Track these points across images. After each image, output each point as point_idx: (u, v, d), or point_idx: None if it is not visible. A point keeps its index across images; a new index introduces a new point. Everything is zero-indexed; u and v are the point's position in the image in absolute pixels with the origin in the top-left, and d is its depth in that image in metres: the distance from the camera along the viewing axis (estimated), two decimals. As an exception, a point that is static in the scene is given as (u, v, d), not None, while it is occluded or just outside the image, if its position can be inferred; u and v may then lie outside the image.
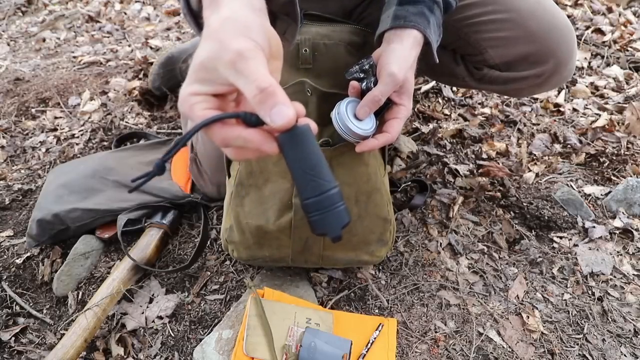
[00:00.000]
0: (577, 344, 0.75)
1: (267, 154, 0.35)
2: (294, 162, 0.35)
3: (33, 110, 1.30)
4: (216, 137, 0.35)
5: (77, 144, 1.18)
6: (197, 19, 0.46)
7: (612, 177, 1.06)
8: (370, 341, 0.71)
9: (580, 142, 1.16)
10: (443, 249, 0.90)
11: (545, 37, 0.72)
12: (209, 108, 0.35)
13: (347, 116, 0.60)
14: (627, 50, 1.49)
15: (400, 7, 0.61)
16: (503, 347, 0.74)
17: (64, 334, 0.73)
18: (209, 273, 0.85)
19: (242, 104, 0.39)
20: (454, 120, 1.24)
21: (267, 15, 0.39)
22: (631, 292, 0.84)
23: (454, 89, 1.34)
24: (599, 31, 1.57)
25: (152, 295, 0.82)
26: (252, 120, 0.35)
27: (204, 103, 0.35)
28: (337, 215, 0.36)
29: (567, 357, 0.74)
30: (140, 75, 1.43)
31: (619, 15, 1.65)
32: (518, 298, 0.82)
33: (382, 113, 0.63)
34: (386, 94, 0.58)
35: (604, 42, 1.52)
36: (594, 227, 0.93)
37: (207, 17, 0.38)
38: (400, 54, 0.59)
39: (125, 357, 0.73)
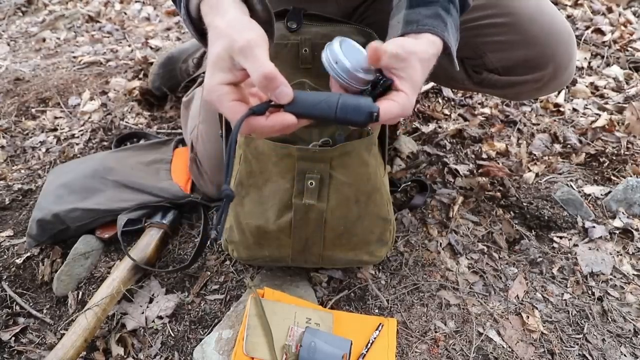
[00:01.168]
0: (577, 344, 0.75)
1: (289, 125, 0.43)
2: (309, 113, 0.44)
3: (33, 110, 1.30)
4: (244, 130, 0.43)
5: (77, 144, 1.18)
6: (195, 25, 0.51)
7: (612, 177, 1.06)
8: (370, 341, 0.71)
9: (580, 142, 1.16)
10: (443, 249, 0.90)
11: (544, 41, 0.72)
12: (235, 99, 0.43)
13: (343, 54, 0.48)
14: (627, 50, 1.49)
15: (411, 10, 0.54)
16: (503, 347, 0.75)
17: (64, 333, 0.73)
18: (209, 273, 0.85)
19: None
20: (454, 120, 1.24)
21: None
22: (631, 292, 0.84)
23: (454, 89, 1.34)
24: (599, 31, 1.57)
25: (152, 295, 0.82)
26: (262, 110, 0.42)
27: (230, 94, 0.43)
28: (362, 104, 0.44)
29: (567, 357, 0.74)
30: (140, 75, 1.43)
31: (619, 15, 1.65)
32: (518, 298, 0.82)
33: (378, 93, 0.51)
34: (386, 53, 0.47)
35: (604, 42, 1.52)
36: (594, 227, 0.93)
37: (211, 21, 0.46)
38: (411, 43, 0.51)
39: (125, 357, 0.73)
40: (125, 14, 1.92)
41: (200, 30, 0.51)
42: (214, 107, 0.45)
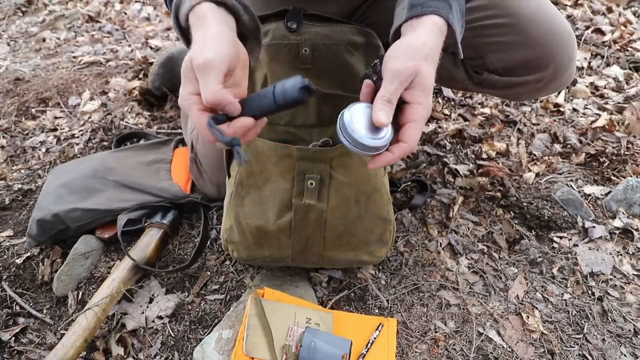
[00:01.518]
0: (577, 344, 0.75)
1: (247, 126, 0.47)
2: (259, 112, 0.47)
3: (33, 110, 1.30)
4: (209, 138, 0.47)
5: (77, 144, 1.18)
6: (183, 32, 0.54)
7: (612, 177, 1.06)
8: (370, 341, 0.71)
9: (580, 142, 1.16)
10: (443, 249, 0.90)
11: (545, 42, 0.72)
12: (201, 109, 0.46)
13: (353, 125, 0.49)
14: (627, 50, 1.49)
15: None
16: (503, 347, 0.75)
17: (64, 333, 0.73)
18: (209, 273, 0.85)
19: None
20: (454, 120, 1.24)
21: (235, 33, 0.50)
22: (631, 292, 0.84)
23: (453, 89, 1.34)
24: (599, 31, 1.57)
25: (152, 295, 0.82)
26: (222, 120, 0.47)
27: (198, 104, 0.46)
28: (291, 84, 0.45)
29: (567, 357, 0.74)
30: (140, 75, 1.43)
31: (619, 15, 1.65)
32: (518, 298, 0.82)
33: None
34: (394, 93, 0.49)
35: (604, 42, 1.52)
36: (593, 227, 0.93)
37: (194, 33, 0.49)
38: (408, 43, 0.51)
39: (125, 357, 0.73)
40: (125, 14, 1.92)
41: (188, 38, 0.54)
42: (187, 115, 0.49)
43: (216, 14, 0.49)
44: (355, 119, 0.49)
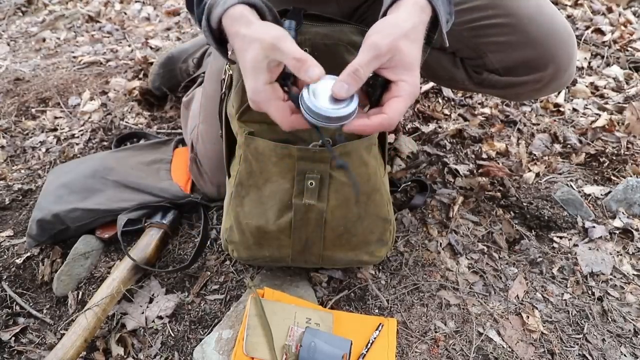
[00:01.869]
0: (577, 344, 0.75)
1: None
2: None
3: (33, 110, 1.30)
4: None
5: (77, 144, 1.18)
6: (214, 36, 0.55)
7: (612, 177, 1.06)
8: (370, 341, 0.71)
9: (580, 142, 1.16)
10: (443, 249, 0.90)
11: (544, 42, 0.72)
12: (279, 97, 0.50)
13: (312, 99, 0.48)
14: (627, 50, 1.49)
15: None
16: (503, 347, 0.75)
17: (64, 333, 0.73)
18: (209, 273, 0.85)
19: None
20: (454, 120, 1.24)
21: None
22: (631, 292, 0.84)
23: (453, 89, 1.34)
24: (599, 31, 1.57)
25: (152, 295, 0.82)
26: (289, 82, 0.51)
27: (275, 92, 0.50)
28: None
29: (567, 357, 0.74)
30: (140, 75, 1.43)
31: (619, 15, 1.65)
32: (518, 298, 0.82)
33: (376, 97, 0.52)
34: (365, 64, 0.47)
35: (604, 42, 1.52)
36: (593, 227, 0.93)
37: (237, 31, 0.51)
38: (388, 22, 0.50)
39: (125, 357, 0.73)
40: (125, 14, 1.92)
41: (219, 40, 0.56)
42: (258, 108, 0.50)
43: (252, 14, 0.52)
44: (317, 92, 0.49)
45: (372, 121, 0.49)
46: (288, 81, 0.52)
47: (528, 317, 0.78)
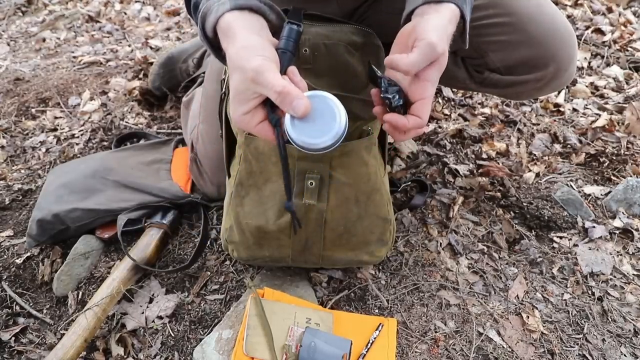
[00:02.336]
0: (577, 344, 0.76)
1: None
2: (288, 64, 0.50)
3: (33, 110, 1.30)
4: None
5: (77, 144, 1.18)
6: (211, 44, 0.55)
7: (612, 177, 1.06)
8: (370, 341, 0.71)
9: (580, 142, 1.16)
10: (443, 249, 0.90)
11: (545, 41, 0.72)
12: (258, 122, 0.49)
13: (293, 125, 0.47)
14: (627, 50, 1.49)
15: None
16: (503, 347, 0.75)
17: (64, 333, 0.73)
18: (209, 273, 0.85)
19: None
20: (454, 120, 1.24)
21: (269, 32, 0.51)
22: (631, 292, 0.84)
23: (454, 89, 1.34)
24: (599, 31, 1.57)
25: (152, 295, 0.82)
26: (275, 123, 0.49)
27: (254, 118, 0.49)
28: None
29: (567, 357, 0.74)
30: (140, 75, 1.43)
31: (619, 15, 1.65)
32: (518, 298, 0.82)
33: (401, 105, 0.52)
34: (419, 65, 0.49)
35: (604, 42, 1.52)
36: (593, 227, 0.93)
37: (225, 47, 0.50)
38: (438, 22, 0.51)
39: (125, 357, 0.73)
40: (125, 14, 1.92)
41: (217, 47, 0.54)
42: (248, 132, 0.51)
43: (241, 21, 0.49)
44: (293, 117, 0.47)
45: (411, 123, 0.50)
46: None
47: (528, 317, 0.79)
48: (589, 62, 1.46)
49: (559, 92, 1.33)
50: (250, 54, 0.46)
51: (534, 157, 1.13)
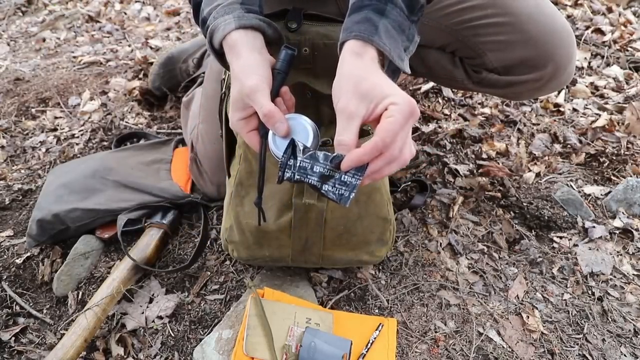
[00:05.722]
0: (577, 344, 0.76)
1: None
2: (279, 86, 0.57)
3: (33, 110, 1.30)
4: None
5: (77, 144, 1.18)
6: (218, 53, 0.60)
7: (612, 177, 1.06)
8: (370, 341, 0.71)
9: (580, 142, 1.16)
10: (443, 249, 0.90)
11: (544, 41, 0.72)
12: (250, 130, 0.56)
13: (275, 141, 0.54)
14: (627, 50, 1.49)
15: (347, 18, 0.54)
16: (503, 347, 0.75)
17: (64, 333, 0.73)
18: (209, 273, 0.85)
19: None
20: (454, 120, 1.24)
21: (266, 51, 0.57)
22: (631, 292, 0.84)
23: (454, 89, 1.34)
24: (599, 31, 1.57)
25: (152, 295, 0.82)
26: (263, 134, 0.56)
27: (247, 126, 0.56)
28: None
29: (567, 356, 0.74)
30: (140, 75, 1.43)
31: (619, 15, 1.65)
32: (518, 298, 0.82)
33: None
34: (347, 133, 0.47)
35: (603, 42, 1.52)
36: (593, 227, 0.93)
37: (230, 62, 0.56)
38: (343, 77, 0.50)
39: (125, 357, 0.73)
40: (125, 14, 1.92)
41: (222, 58, 0.60)
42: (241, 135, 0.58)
43: (244, 40, 0.55)
44: (279, 142, 0.54)
45: (365, 147, 0.45)
46: None
47: (528, 317, 0.79)
48: (589, 62, 1.46)
49: (559, 92, 1.33)
50: (249, 72, 0.53)
51: (534, 157, 1.13)
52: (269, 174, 0.70)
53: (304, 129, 0.55)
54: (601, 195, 1.02)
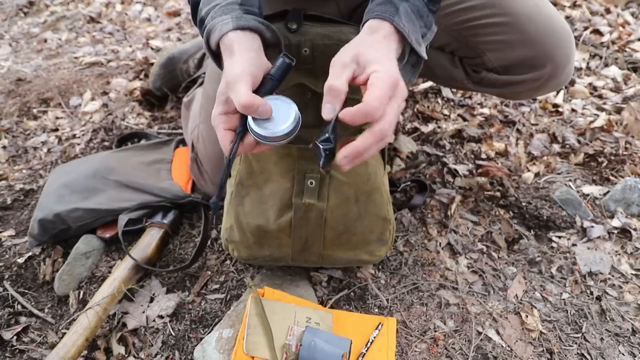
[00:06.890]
0: (576, 343, 0.76)
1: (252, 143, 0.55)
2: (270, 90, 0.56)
3: (35, 110, 1.31)
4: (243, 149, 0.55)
5: (78, 144, 1.18)
6: (214, 54, 0.59)
7: (611, 177, 1.06)
8: (370, 340, 0.71)
9: (579, 142, 1.16)
10: (442, 249, 0.90)
11: (542, 41, 0.72)
12: (226, 128, 0.54)
13: (254, 121, 0.52)
14: (625, 51, 1.49)
15: (371, 3, 0.56)
16: (502, 346, 0.75)
17: (65, 333, 0.73)
18: (209, 272, 0.86)
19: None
20: (453, 120, 1.25)
21: (263, 53, 0.56)
22: (629, 292, 0.84)
23: (453, 89, 1.34)
24: (597, 32, 1.57)
25: (153, 294, 0.82)
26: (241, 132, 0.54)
27: (225, 123, 0.54)
28: None
29: (566, 356, 0.74)
30: (141, 76, 1.43)
31: (617, 16, 1.66)
32: (517, 297, 0.82)
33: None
34: (335, 78, 0.50)
35: (602, 42, 1.52)
36: (592, 226, 0.94)
37: (224, 60, 0.56)
38: (341, 49, 0.52)
39: (126, 356, 0.73)
40: (126, 14, 1.93)
41: (218, 59, 0.59)
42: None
43: (241, 40, 0.55)
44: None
45: (353, 110, 0.47)
46: None
47: (527, 316, 0.79)
48: (588, 63, 1.47)
49: (557, 93, 1.34)
50: (237, 65, 0.52)
51: (533, 157, 1.13)
52: (269, 173, 0.70)
53: (284, 102, 0.54)
54: (599, 195, 1.02)
